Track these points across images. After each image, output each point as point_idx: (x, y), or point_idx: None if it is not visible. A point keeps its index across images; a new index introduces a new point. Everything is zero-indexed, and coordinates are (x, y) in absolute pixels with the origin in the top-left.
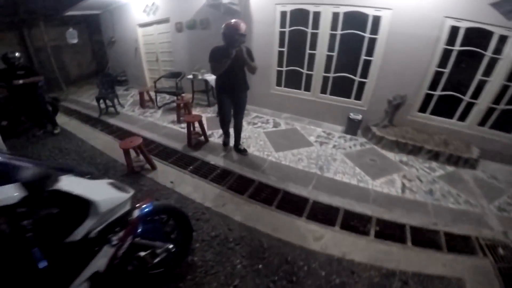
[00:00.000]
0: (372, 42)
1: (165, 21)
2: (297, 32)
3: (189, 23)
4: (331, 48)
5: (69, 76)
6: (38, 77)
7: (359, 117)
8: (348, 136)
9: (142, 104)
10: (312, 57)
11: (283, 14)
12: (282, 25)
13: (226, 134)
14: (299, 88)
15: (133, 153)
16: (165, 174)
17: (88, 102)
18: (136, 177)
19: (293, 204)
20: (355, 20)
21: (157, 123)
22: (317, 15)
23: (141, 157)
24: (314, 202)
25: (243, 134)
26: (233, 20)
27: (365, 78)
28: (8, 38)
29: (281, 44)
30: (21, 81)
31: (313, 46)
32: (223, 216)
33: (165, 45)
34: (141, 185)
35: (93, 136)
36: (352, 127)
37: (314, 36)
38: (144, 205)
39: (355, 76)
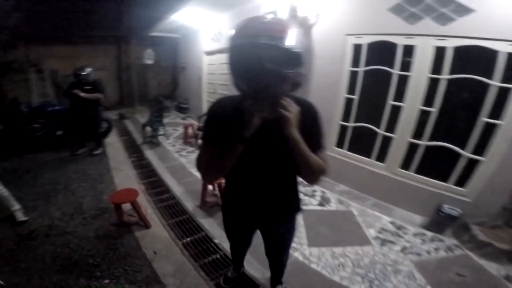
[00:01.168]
0: (503, 94)
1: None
2: (376, 73)
3: None
4: (429, 100)
5: (147, 94)
6: (99, 95)
7: (457, 212)
8: (430, 234)
9: (185, 139)
10: (395, 111)
11: (357, 48)
12: (355, 63)
13: (236, 264)
14: (369, 156)
15: None
16: (155, 238)
17: None
18: (122, 232)
19: None
20: (474, 59)
21: (186, 166)
22: (409, 50)
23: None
24: None
25: None
26: (259, 17)
27: (480, 154)
28: (109, 51)
29: (351, 90)
30: (82, 94)
31: (400, 95)
32: None
33: (224, 77)
34: (120, 243)
35: (121, 166)
36: (440, 223)
37: (403, 81)
38: None
39: (462, 148)
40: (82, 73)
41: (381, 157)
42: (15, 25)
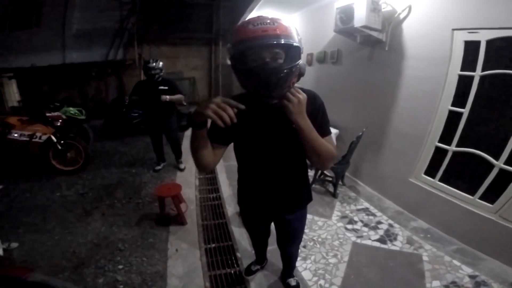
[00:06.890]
0: None
1: None
2: (501, 81)
3: (319, 55)
4: None
5: (231, 94)
6: (180, 96)
7: None
8: None
9: None
10: None
11: (472, 47)
12: (466, 65)
13: (258, 257)
14: (472, 192)
15: None
16: (184, 236)
17: None
18: (160, 223)
19: None
20: None
21: None
22: None
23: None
24: None
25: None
26: (254, 19)
27: None
28: (203, 52)
29: (459, 101)
30: (168, 98)
31: None
32: None
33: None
34: (152, 234)
35: (188, 158)
36: None
37: None
38: None
39: None
40: (156, 67)
41: (489, 196)
42: (131, 28)
